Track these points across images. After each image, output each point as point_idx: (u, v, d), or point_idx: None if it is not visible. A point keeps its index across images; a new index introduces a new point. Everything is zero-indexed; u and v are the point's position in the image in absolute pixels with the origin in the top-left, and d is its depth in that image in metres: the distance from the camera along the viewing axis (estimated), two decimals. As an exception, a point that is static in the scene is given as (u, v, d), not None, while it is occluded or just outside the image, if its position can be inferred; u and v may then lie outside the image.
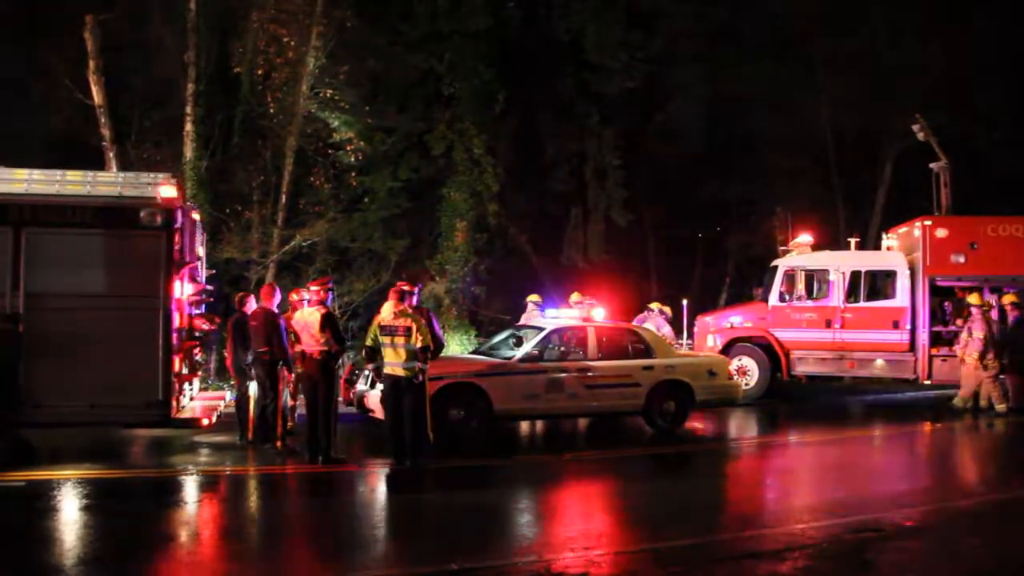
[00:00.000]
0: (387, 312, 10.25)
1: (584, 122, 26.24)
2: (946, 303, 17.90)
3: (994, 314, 16.19)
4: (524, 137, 25.40)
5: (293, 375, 11.45)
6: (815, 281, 17.97)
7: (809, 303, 17.81)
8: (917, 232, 17.77)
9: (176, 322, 10.53)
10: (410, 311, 10.37)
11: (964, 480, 11.71)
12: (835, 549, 7.36)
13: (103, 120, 18.41)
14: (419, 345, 10.04)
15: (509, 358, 12.74)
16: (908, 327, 17.43)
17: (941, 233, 17.58)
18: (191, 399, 12.19)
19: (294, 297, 12.05)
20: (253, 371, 11.52)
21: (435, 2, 22.70)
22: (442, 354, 12.16)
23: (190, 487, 9.67)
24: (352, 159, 21.55)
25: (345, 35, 20.74)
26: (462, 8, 22.69)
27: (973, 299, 16.19)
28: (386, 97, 22.41)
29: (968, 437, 14.76)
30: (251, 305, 11.88)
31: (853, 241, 19.38)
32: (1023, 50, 27.19)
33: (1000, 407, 15.59)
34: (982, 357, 15.58)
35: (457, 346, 20.97)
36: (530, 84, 25.09)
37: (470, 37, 22.82)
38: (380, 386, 10.74)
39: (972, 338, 15.70)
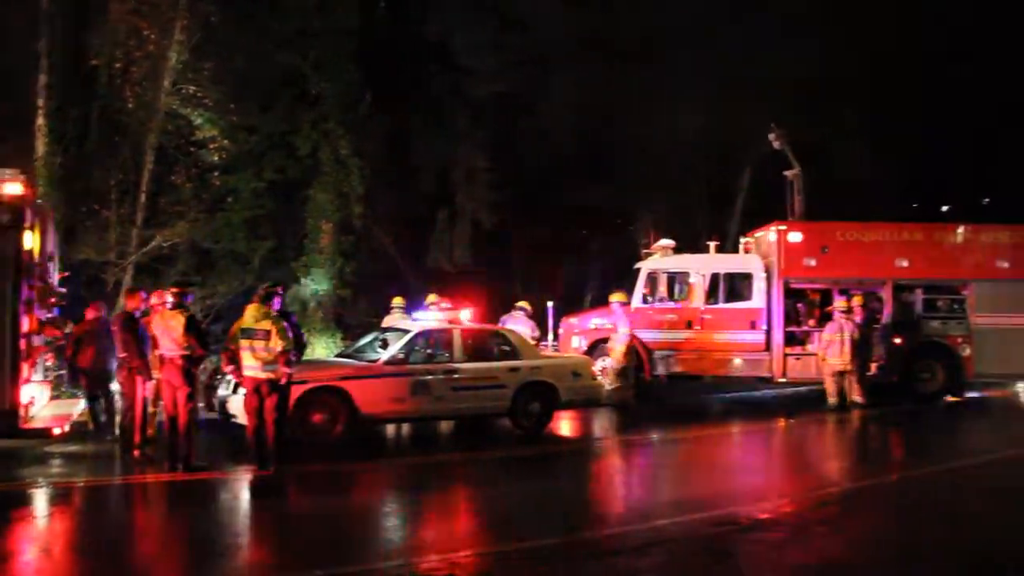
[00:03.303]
0: (249, 315, 10.06)
1: (453, 124, 26.19)
2: (799, 304, 18.64)
3: (857, 316, 16.96)
4: (392, 138, 25.17)
5: (152, 381, 11.07)
6: (676, 283, 18.45)
7: (671, 304, 18.27)
8: (772, 236, 18.45)
9: (25, 326, 10.07)
10: (272, 314, 10.17)
11: (815, 472, 12.21)
12: (695, 543, 7.61)
13: (-56, 113, 17.47)
14: (279, 348, 9.87)
15: (374, 361, 12.67)
16: (764, 327, 18.05)
17: (794, 237, 18.31)
18: (42, 407, 11.69)
19: (154, 300, 11.69)
20: (116, 377, 11.21)
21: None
22: (307, 357, 12.02)
23: (40, 500, 9.25)
24: (215, 158, 20.94)
25: (210, 31, 20.18)
26: (330, 6, 22.36)
27: (840, 305, 16.97)
28: (251, 95, 21.86)
29: (819, 432, 15.44)
30: (92, 311, 11.61)
31: (713, 245, 19.94)
32: (873, 65, 28.66)
33: (859, 399, 16.57)
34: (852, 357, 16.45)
35: (323, 349, 20.68)
36: (400, 85, 24.94)
37: (338, 36, 22.50)
38: (243, 391, 10.52)
39: (843, 339, 16.44)
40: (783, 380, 18.09)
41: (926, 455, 13.33)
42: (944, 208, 47.87)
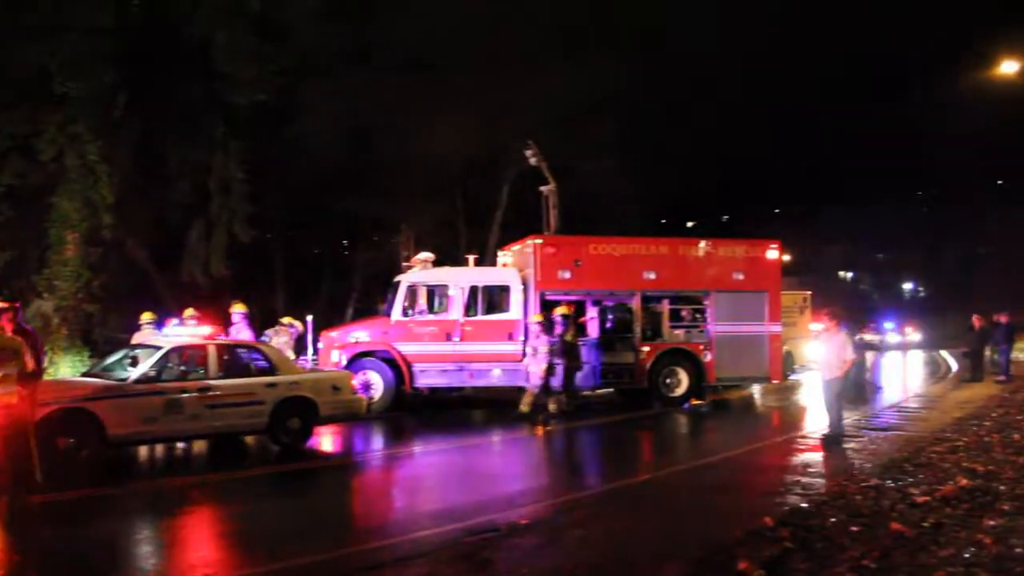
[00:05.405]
0: (-14, 334, 9.33)
1: (210, 133, 25.35)
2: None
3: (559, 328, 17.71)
4: (146, 145, 24.09)
5: None
6: (436, 296, 18.72)
7: (430, 317, 18.51)
8: (529, 250, 19.08)
9: None
10: (8, 333, 9.50)
11: (570, 477, 12.71)
12: (455, 552, 7.70)
13: None
14: (29, 370, 9.21)
15: (124, 379, 12.11)
16: (521, 338, 18.58)
17: (550, 251, 19.00)
18: None
19: None
20: None
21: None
22: (52, 377, 11.35)
23: None
24: (-58, 159, 19.39)
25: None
26: (81, 1, 21.09)
27: (536, 317, 17.70)
28: (-15, 92, 20.37)
29: (574, 438, 16.05)
30: None
31: (471, 258, 20.38)
32: (626, 88, 30.28)
33: (525, 409, 17.13)
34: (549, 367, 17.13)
35: (68, 368, 19.53)
36: (155, 89, 23.87)
37: (89, 34, 21.23)
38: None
39: (538, 352, 17.11)
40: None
41: (672, 456, 14.31)
42: (689, 224, 51.12)
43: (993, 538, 7.60)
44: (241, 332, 16.25)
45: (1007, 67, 26.37)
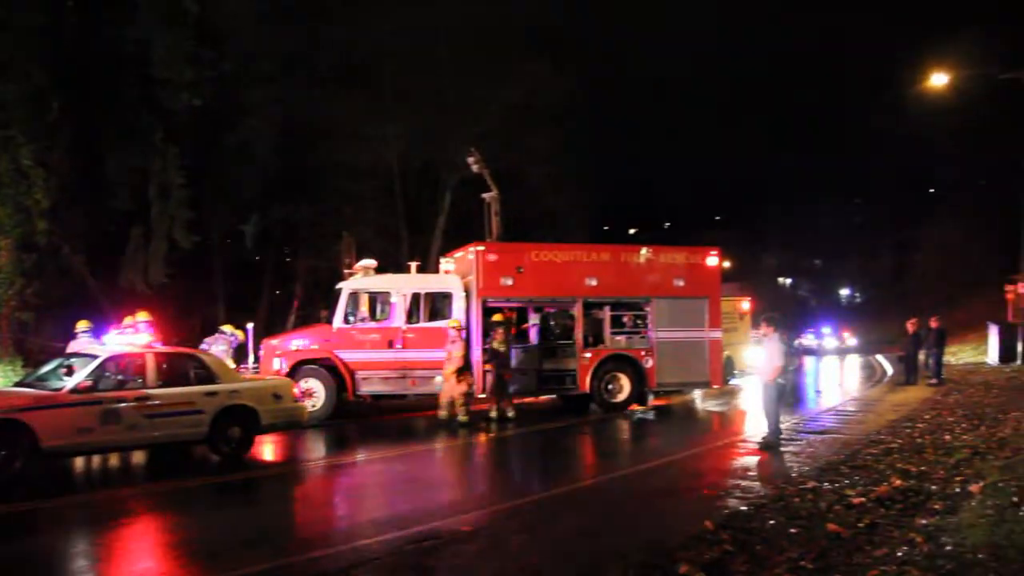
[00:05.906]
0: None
1: (149, 138, 24.99)
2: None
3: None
4: (82, 150, 23.70)
5: None
6: (378, 303, 18.64)
7: (373, 324, 18.42)
8: (471, 257, 19.09)
9: None
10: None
11: (513, 483, 12.78)
12: (398, 560, 7.67)
13: None
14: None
15: (59, 389, 11.86)
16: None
17: (492, 258, 19.02)
18: None
19: None
20: None
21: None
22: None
23: None
24: None
25: None
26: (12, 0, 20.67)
27: (453, 323, 17.76)
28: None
29: (516, 444, 16.08)
30: None
31: (414, 265, 20.35)
32: (570, 99, 30.49)
33: (463, 418, 17.20)
34: (459, 373, 17.16)
35: (1, 378, 19.12)
36: (91, 93, 23.50)
37: (21, 34, 20.80)
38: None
39: (452, 357, 17.18)
40: (483, 396, 18.70)
41: (614, 461, 14.45)
42: (631, 231, 51.65)
43: (925, 537, 7.77)
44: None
45: (937, 79, 27.13)
